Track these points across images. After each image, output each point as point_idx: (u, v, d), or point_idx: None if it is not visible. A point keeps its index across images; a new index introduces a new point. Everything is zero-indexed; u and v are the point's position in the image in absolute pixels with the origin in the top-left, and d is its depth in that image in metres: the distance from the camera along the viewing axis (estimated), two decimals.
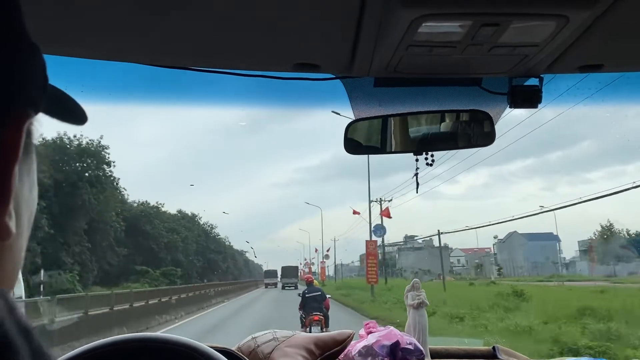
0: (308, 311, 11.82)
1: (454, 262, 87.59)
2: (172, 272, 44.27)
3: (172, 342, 1.07)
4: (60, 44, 1.12)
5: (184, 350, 1.06)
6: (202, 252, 58.57)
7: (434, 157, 1.44)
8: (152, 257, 44.65)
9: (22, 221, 0.43)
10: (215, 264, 63.33)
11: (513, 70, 1.26)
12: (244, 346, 1.55)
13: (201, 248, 58.62)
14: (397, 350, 1.55)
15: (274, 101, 1.57)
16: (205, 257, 59.73)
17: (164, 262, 46.01)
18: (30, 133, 0.44)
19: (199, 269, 56.84)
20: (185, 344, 1.07)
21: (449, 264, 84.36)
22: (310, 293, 12.20)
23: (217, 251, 66.33)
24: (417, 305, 1.71)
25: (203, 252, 59.09)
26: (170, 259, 48.14)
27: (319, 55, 1.19)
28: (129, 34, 1.09)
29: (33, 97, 0.41)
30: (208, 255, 61.23)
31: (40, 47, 0.42)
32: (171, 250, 49.18)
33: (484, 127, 1.46)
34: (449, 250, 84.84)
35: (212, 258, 62.22)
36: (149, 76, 1.31)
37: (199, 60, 1.24)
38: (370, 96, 1.42)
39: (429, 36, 1.05)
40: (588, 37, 1.08)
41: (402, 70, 1.23)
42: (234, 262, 77.61)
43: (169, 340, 1.07)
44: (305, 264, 72.93)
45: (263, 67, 1.28)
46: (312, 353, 1.51)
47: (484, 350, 1.71)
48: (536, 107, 1.35)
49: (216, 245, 66.78)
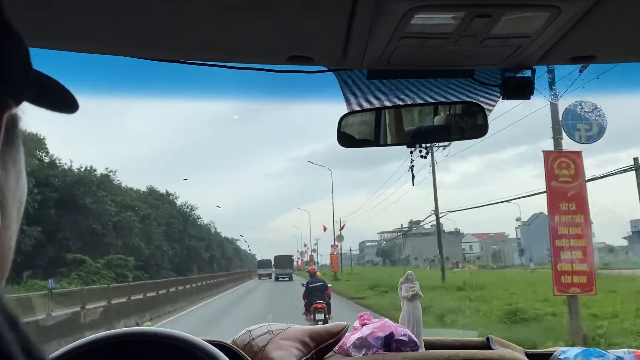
0: (312, 300, 12.83)
1: (465, 248, 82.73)
2: (119, 262, 31.76)
3: (165, 336, 1.07)
4: (51, 37, 1.11)
5: (178, 343, 1.07)
6: (179, 238, 48.30)
7: (428, 150, 1.44)
8: (95, 241, 31.41)
9: (10, 213, 0.42)
10: (196, 253, 53.41)
11: (505, 61, 1.26)
12: (238, 339, 1.55)
13: (177, 233, 47.99)
14: (392, 342, 1.55)
15: (267, 94, 1.57)
16: (184, 244, 49.67)
17: (112, 248, 33.58)
18: (15, 123, 0.43)
19: (175, 259, 46.69)
20: (180, 338, 1.08)
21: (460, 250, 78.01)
22: (313, 283, 13.24)
23: (198, 237, 55.62)
24: (411, 297, 1.72)
25: (181, 239, 48.75)
26: (122, 245, 35.00)
27: (312, 47, 1.19)
28: (120, 27, 1.09)
29: (14, 86, 0.40)
30: (187, 242, 50.96)
31: (25, 37, 0.41)
32: (122, 233, 35.74)
33: (477, 119, 1.46)
34: (460, 236, 78.42)
35: (191, 245, 52.07)
36: (141, 70, 1.30)
37: (191, 53, 1.24)
38: (363, 88, 1.42)
39: (422, 28, 1.05)
40: (580, 28, 1.08)
41: (395, 62, 1.23)
42: (222, 251, 67.21)
43: (163, 334, 1.07)
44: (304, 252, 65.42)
45: (256, 60, 1.27)
46: (307, 345, 1.52)
47: (478, 341, 1.73)
48: (529, 98, 1.35)
49: (197, 231, 56.18)
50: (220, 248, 65.77)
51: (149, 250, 39.10)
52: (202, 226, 59.71)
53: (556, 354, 1.70)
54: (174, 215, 49.14)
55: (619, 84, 1.54)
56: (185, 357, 1.06)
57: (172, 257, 46.14)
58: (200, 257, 54.38)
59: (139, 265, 34.91)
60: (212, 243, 61.08)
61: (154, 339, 1.07)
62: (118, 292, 20.32)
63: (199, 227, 58.03)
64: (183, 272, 43.12)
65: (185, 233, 50.93)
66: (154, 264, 39.95)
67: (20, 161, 0.44)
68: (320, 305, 12.58)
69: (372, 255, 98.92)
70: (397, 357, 1.49)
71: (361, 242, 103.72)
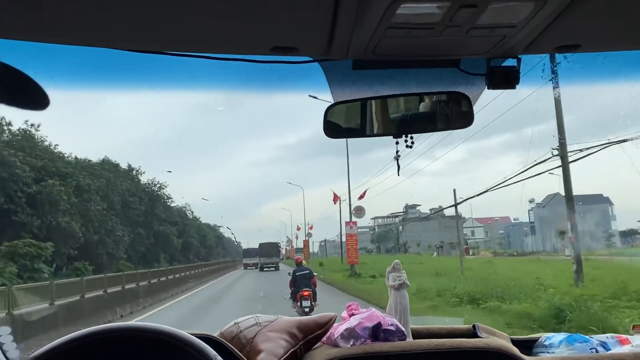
0: (298, 288, 13.12)
1: (467, 233, 72.94)
2: (28, 250, 22.47)
3: (152, 331, 1.06)
4: (32, 30, 1.09)
5: (164, 338, 1.06)
6: (144, 222, 40.38)
7: (414, 139, 1.44)
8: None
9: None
10: (167, 240, 44.90)
11: (491, 51, 1.26)
12: (226, 332, 1.55)
13: (141, 215, 39.63)
14: (379, 332, 1.56)
15: (252, 84, 1.55)
16: (151, 229, 41.72)
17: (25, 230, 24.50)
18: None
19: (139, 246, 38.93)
20: (166, 332, 1.07)
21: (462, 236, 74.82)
22: (300, 272, 13.61)
23: (170, 222, 46.57)
24: (398, 287, 1.73)
25: (147, 223, 40.87)
26: (38, 227, 25.34)
27: (297, 37, 1.18)
28: (104, 19, 1.06)
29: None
30: (156, 227, 42.82)
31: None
32: (43, 210, 25.91)
33: (463, 108, 1.46)
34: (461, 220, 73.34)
35: (161, 231, 43.64)
36: (123, 61, 1.28)
37: (175, 44, 1.22)
38: (349, 79, 1.41)
39: (408, 18, 1.04)
40: (565, 18, 1.08)
41: (380, 52, 1.22)
42: (202, 239, 58.35)
43: (149, 328, 1.06)
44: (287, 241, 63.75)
45: (240, 51, 1.26)
46: (295, 337, 1.52)
47: (465, 329, 1.74)
48: (514, 87, 1.35)
49: (169, 214, 47.24)
50: (199, 235, 57.50)
51: (88, 234, 29.27)
52: (175, 209, 50.73)
53: (541, 340, 1.72)
54: (134, 194, 39.50)
55: (603, 73, 1.54)
56: (171, 351, 1.05)
57: (135, 245, 38.08)
58: (172, 245, 46.06)
59: (73, 255, 27.57)
60: (188, 229, 52.78)
61: (141, 334, 1.06)
62: None
63: (171, 209, 49.09)
64: (149, 263, 35.97)
65: (153, 216, 42.59)
66: (103, 253, 32.07)
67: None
68: (307, 293, 12.88)
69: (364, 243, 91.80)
70: (385, 347, 1.50)
71: None
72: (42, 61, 1.23)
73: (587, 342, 1.65)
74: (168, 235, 45.16)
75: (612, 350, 1.62)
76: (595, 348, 1.63)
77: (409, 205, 77.42)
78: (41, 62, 1.23)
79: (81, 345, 1.04)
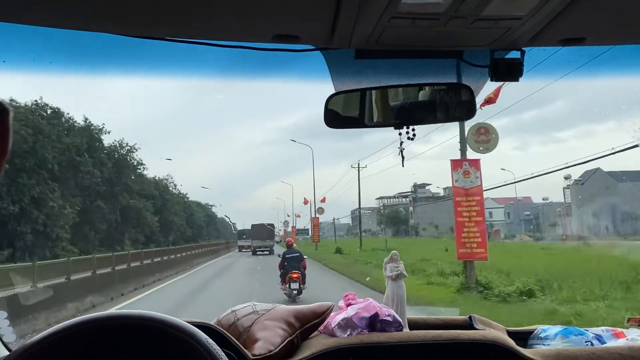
0: (287, 269, 13.09)
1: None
2: None
3: (145, 318, 1.05)
4: (36, 13, 1.07)
5: (158, 325, 1.05)
6: (107, 193, 31.98)
7: (415, 131, 1.43)
8: None
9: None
10: (139, 217, 36.50)
11: (495, 43, 1.24)
12: (223, 320, 1.55)
13: (102, 184, 31.28)
14: (376, 322, 1.56)
15: (253, 72, 1.54)
16: (117, 202, 33.46)
17: None
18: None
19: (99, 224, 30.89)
20: (160, 320, 1.06)
21: None
22: (289, 254, 13.66)
23: (144, 195, 38.51)
24: (396, 277, 1.73)
25: (112, 194, 32.63)
26: None
27: (299, 26, 1.16)
28: (104, 4, 1.05)
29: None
30: (126, 200, 34.69)
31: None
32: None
33: (465, 100, 1.45)
34: None
35: (131, 206, 35.34)
36: (125, 47, 1.26)
37: (177, 31, 1.20)
38: (351, 68, 1.40)
39: (412, 7, 1.03)
40: (571, 11, 1.07)
41: (383, 42, 1.20)
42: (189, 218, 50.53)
43: (143, 316, 1.06)
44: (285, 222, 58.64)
45: (242, 38, 1.24)
46: (292, 326, 1.52)
47: (461, 320, 1.75)
48: (517, 80, 1.34)
49: (143, 186, 39.10)
50: (185, 213, 49.53)
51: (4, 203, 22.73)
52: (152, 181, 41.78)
53: (537, 332, 1.73)
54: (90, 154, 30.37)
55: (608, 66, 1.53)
56: (165, 339, 1.05)
57: (90, 222, 29.62)
58: (145, 223, 37.57)
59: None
60: (169, 205, 44.13)
61: (134, 321, 1.06)
62: None
63: (145, 180, 40.13)
64: (111, 245, 29.47)
65: (119, 186, 33.76)
66: (26, 231, 23.60)
67: None
68: (296, 275, 12.87)
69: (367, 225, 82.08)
70: (382, 338, 1.51)
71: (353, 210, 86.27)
72: (38, 45, 1.22)
73: (582, 335, 1.65)
74: (140, 211, 36.42)
75: (607, 344, 1.63)
76: (590, 341, 1.64)
77: (418, 184, 71.36)
78: (37, 46, 1.22)
79: (70, 334, 1.03)
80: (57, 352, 1.01)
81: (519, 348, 1.53)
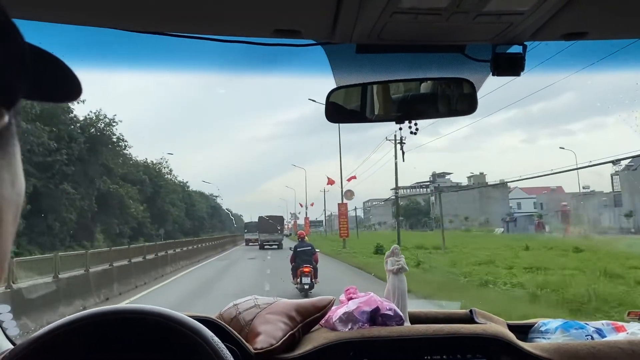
0: (299, 263, 12.81)
1: (513, 206, 62.63)
2: None
3: (147, 313, 1.06)
4: (36, 8, 1.07)
5: (160, 320, 1.06)
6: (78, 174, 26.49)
7: (418, 126, 1.43)
8: None
9: (5, 217, 0.41)
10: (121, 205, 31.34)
11: (497, 37, 1.24)
12: (225, 313, 1.55)
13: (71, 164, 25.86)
14: (377, 316, 1.57)
15: (254, 67, 1.54)
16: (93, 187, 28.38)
17: None
18: (8, 129, 0.41)
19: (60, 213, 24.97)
20: (163, 314, 1.07)
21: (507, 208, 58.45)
22: (301, 247, 13.28)
23: (128, 179, 33.42)
24: (397, 271, 1.74)
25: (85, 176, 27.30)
26: None
27: (300, 21, 1.16)
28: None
29: (7, 92, 0.38)
30: (102, 185, 29.13)
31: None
32: None
33: (466, 94, 1.45)
34: (506, 190, 60.93)
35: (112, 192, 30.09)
36: (127, 42, 1.26)
37: (178, 25, 1.20)
38: (352, 63, 1.39)
39: (415, 2, 1.03)
40: (573, 5, 1.06)
41: (385, 37, 1.20)
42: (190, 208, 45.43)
43: (145, 311, 1.06)
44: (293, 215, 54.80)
45: (242, 33, 1.24)
46: (294, 319, 1.53)
47: (462, 314, 1.76)
48: (519, 74, 1.34)
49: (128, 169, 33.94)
50: (184, 203, 44.07)
51: None
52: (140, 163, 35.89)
53: (537, 326, 1.74)
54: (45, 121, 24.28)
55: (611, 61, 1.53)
56: (168, 334, 1.06)
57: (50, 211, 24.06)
58: (128, 214, 32.25)
59: None
60: (163, 193, 38.77)
61: (138, 316, 1.06)
62: None
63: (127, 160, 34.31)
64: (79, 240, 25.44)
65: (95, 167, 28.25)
66: None
67: (16, 165, 0.43)
68: (307, 269, 12.57)
69: (379, 217, 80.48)
70: (383, 332, 1.51)
71: (366, 202, 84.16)
72: (37, 41, 1.21)
73: (583, 329, 1.66)
74: (122, 198, 31.10)
75: (607, 337, 1.64)
76: (590, 335, 1.64)
77: (437, 173, 67.15)
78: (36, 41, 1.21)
79: (73, 329, 1.04)
80: (61, 346, 1.02)
81: (519, 342, 1.53)
